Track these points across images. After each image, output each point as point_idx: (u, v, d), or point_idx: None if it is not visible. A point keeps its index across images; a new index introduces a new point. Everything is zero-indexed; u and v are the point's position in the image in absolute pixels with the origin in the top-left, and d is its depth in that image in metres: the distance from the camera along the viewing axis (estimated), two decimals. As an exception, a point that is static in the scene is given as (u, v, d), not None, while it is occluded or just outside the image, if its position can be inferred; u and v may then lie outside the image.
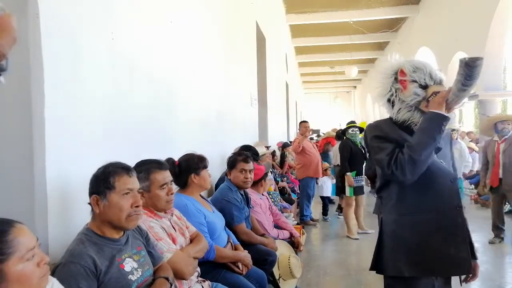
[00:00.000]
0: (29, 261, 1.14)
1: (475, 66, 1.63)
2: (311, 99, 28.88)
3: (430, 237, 1.82)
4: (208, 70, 4.03)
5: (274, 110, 9.64)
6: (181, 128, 3.18)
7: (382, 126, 1.94)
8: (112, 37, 2.16)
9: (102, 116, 2.05)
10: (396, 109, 1.91)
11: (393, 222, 1.91)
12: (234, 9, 5.44)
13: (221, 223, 2.76)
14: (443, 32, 9.82)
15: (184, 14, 3.36)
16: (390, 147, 1.83)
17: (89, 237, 1.58)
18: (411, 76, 1.86)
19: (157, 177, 2.04)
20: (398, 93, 1.89)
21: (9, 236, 1.11)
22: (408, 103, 1.86)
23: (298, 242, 3.89)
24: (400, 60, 1.98)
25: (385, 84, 1.95)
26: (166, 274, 1.83)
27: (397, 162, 1.77)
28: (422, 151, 1.74)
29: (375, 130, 1.94)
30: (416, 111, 1.86)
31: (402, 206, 1.88)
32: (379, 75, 2.02)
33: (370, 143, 1.93)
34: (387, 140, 1.86)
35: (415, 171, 1.77)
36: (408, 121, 1.88)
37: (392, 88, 1.92)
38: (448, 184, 1.87)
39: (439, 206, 1.84)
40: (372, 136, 1.92)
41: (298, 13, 11.87)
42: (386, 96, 1.94)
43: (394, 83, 1.91)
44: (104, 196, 1.59)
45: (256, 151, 4.51)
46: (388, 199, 1.95)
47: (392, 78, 1.92)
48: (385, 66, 2.00)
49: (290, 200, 6.11)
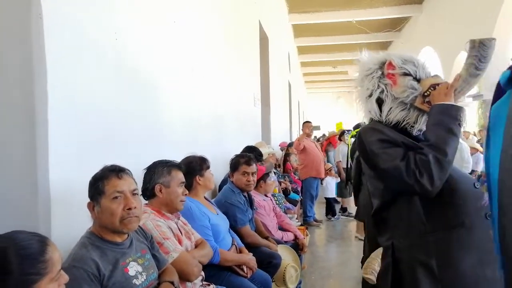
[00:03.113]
0: (56, 281, 1.12)
1: (490, 46, 1.44)
2: (314, 99, 28.82)
3: (462, 260, 1.45)
4: (211, 70, 4.00)
5: (276, 110, 9.61)
6: (184, 129, 3.16)
7: (381, 128, 1.57)
8: (115, 38, 2.13)
9: (106, 117, 2.03)
10: (387, 108, 1.60)
11: (412, 246, 1.52)
12: (237, 8, 5.41)
13: (226, 225, 2.73)
14: (446, 32, 9.77)
15: (187, 14, 3.34)
16: (402, 152, 1.48)
17: (92, 241, 1.55)
18: (402, 68, 1.60)
19: (177, 175, 2.14)
20: (389, 89, 1.60)
21: (47, 255, 1.09)
22: (402, 100, 1.58)
23: (303, 244, 3.86)
24: (382, 54, 1.71)
25: (370, 82, 1.65)
26: (171, 278, 1.82)
27: (420, 166, 1.41)
28: (447, 149, 1.42)
29: (376, 133, 1.56)
30: (412, 109, 1.58)
31: (421, 225, 1.50)
32: (360, 74, 1.71)
33: (372, 149, 1.54)
34: (394, 144, 1.51)
35: (443, 175, 1.42)
36: (403, 122, 1.59)
37: (381, 84, 1.62)
38: (472, 189, 1.53)
39: (466, 219, 1.48)
40: (373, 141, 1.54)
41: (300, 13, 11.83)
42: (374, 95, 1.63)
43: (382, 78, 1.62)
44: (96, 201, 1.57)
45: (260, 152, 4.48)
46: (398, 220, 1.57)
47: (379, 73, 1.64)
48: (366, 62, 1.71)
49: (292, 200, 6.08)
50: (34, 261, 1.06)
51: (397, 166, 1.45)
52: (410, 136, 1.58)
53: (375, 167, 1.56)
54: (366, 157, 1.60)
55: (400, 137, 1.54)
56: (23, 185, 1.56)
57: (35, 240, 1.10)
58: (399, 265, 1.54)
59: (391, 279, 1.55)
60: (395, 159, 1.47)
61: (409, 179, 1.42)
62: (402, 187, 1.48)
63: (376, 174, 1.59)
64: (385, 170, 1.50)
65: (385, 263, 1.60)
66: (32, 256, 1.06)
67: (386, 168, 1.49)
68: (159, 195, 2.10)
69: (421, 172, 1.41)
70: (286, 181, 6.82)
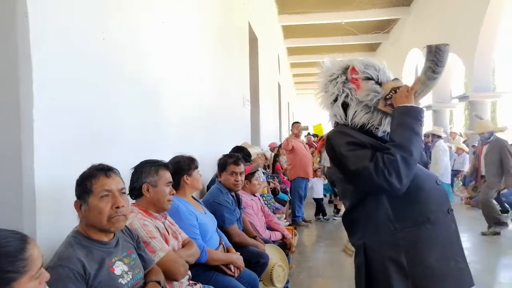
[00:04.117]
0: (37, 279, 1.12)
1: (446, 51, 1.53)
2: (303, 99, 28.93)
3: (428, 255, 1.52)
4: (200, 70, 4.01)
5: (266, 111, 9.63)
6: (173, 129, 3.16)
7: (349, 132, 1.63)
8: (103, 37, 2.13)
9: (94, 117, 2.03)
10: (352, 112, 1.66)
11: (382, 244, 1.58)
12: (226, 9, 5.43)
13: (213, 225, 2.74)
14: (433, 34, 9.90)
15: (176, 15, 3.34)
16: (370, 154, 1.53)
17: (78, 240, 1.55)
18: (364, 72, 1.66)
19: (164, 175, 2.15)
20: (353, 93, 1.66)
21: (26, 253, 1.09)
22: (366, 103, 1.64)
23: (290, 243, 3.88)
24: (344, 60, 1.77)
25: (335, 87, 1.70)
26: (158, 278, 1.82)
27: (388, 166, 1.47)
28: (412, 148, 1.49)
29: (344, 136, 1.61)
30: (376, 112, 1.64)
31: (389, 223, 1.56)
32: (323, 79, 1.76)
33: (341, 152, 1.58)
34: (362, 146, 1.57)
35: (410, 173, 1.50)
36: (367, 124, 1.65)
37: (345, 89, 1.68)
38: (435, 186, 1.63)
39: (431, 215, 1.56)
40: (342, 143, 1.59)
41: (290, 14, 11.89)
42: (340, 99, 1.68)
43: (346, 83, 1.68)
44: (84, 200, 1.57)
45: (248, 152, 4.50)
46: (367, 220, 1.62)
47: (343, 78, 1.69)
48: (329, 67, 1.76)
49: (281, 200, 6.10)
50: (12, 259, 1.06)
51: (366, 166, 1.49)
52: (375, 138, 1.63)
53: (345, 169, 1.61)
54: (336, 160, 1.64)
55: (366, 139, 1.59)
56: (8, 184, 1.55)
57: (14, 238, 1.09)
58: (372, 263, 1.60)
59: (365, 277, 1.60)
60: (364, 160, 1.51)
61: (378, 179, 1.47)
62: (372, 187, 1.53)
63: (346, 176, 1.64)
64: (355, 172, 1.54)
65: (358, 262, 1.65)
66: (10, 254, 1.06)
67: (355, 169, 1.53)
68: (146, 195, 2.11)
69: (389, 171, 1.46)
70: (275, 181, 6.85)
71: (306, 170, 6.84)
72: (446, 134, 10.41)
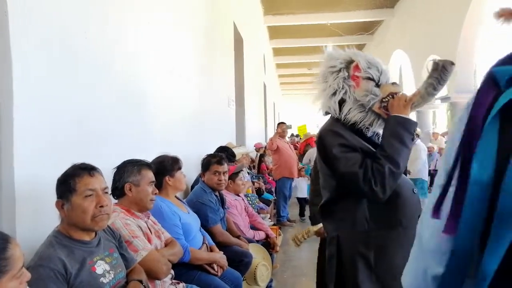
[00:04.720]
0: (18, 279, 1.12)
1: (450, 71, 1.53)
2: (289, 100, 29.01)
3: (394, 255, 1.62)
4: (184, 70, 4.00)
5: (251, 111, 9.65)
6: (157, 129, 3.15)
7: (342, 132, 1.65)
8: (85, 36, 2.12)
9: (74, 116, 2.01)
10: (346, 109, 1.67)
11: (354, 239, 1.67)
12: (211, 9, 5.43)
13: (197, 224, 2.75)
14: (417, 35, 10.05)
15: (161, 15, 3.33)
16: (360, 158, 1.58)
17: (59, 240, 1.55)
18: (367, 72, 1.66)
19: (147, 174, 2.15)
20: (351, 91, 1.67)
21: (8, 253, 1.08)
22: (362, 103, 1.65)
23: (274, 242, 3.91)
24: (348, 52, 1.74)
25: (335, 81, 1.70)
26: (140, 277, 1.82)
27: (376, 176, 1.53)
28: (400, 161, 1.54)
29: (338, 137, 1.64)
30: (370, 113, 1.66)
31: (365, 222, 1.65)
32: (324, 68, 1.75)
33: (333, 153, 1.62)
34: (353, 149, 1.61)
35: (394, 185, 1.56)
36: (359, 123, 1.67)
37: (345, 85, 1.67)
38: (412, 195, 1.70)
39: (404, 219, 1.64)
40: (335, 144, 1.62)
41: (276, 15, 11.93)
42: (338, 95, 1.68)
43: (347, 79, 1.68)
44: (67, 199, 1.56)
45: (233, 152, 4.51)
46: (345, 214, 1.70)
47: (345, 74, 1.69)
48: (332, 56, 1.74)
49: (266, 200, 6.13)
50: None
51: (355, 172, 1.56)
52: (364, 137, 1.68)
53: (334, 170, 1.66)
54: (327, 158, 1.69)
55: (357, 142, 1.64)
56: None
57: None
58: (342, 255, 1.70)
59: (335, 266, 1.72)
60: (354, 165, 1.58)
61: (364, 186, 1.55)
62: (356, 191, 1.61)
63: (334, 175, 1.69)
64: (344, 174, 1.61)
65: (330, 252, 1.76)
66: None
67: (345, 172, 1.60)
68: (129, 194, 2.11)
69: (376, 182, 1.53)
70: (260, 181, 6.87)
71: (291, 170, 6.87)
72: (429, 134, 10.58)
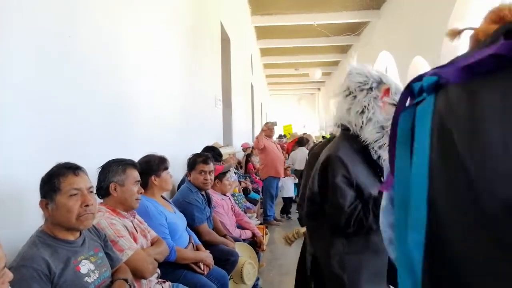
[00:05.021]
0: (0, 279, 1.11)
1: None
2: (276, 100, 29.08)
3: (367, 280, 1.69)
4: (171, 70, 4.00)
5: (238, 111, 9.65)
6: (143, 128, 3.15)
7: (347, 162, 1.68)
8: (69, 35, 2.11)
9: (57, 116, 2.00)
10: (368, 128, 1.68)
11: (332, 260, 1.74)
12: (198, 9, 5.42)
13: (183, 224, 2.75)
14: (402, 36, 10.16)
15: (146, 15, 3.32)
16: (352, 196, 1.66)
17: (43, 240, 1.54)
18: (393, 99, 1.66)
19: (132, 173, 2.15)
20: (377, 111, 1.67)
21: None
22: (382, 125, 1.66)
23: (260, 241, 3.93)
24: (378, 72, 1.74)
25: (365, 98, 1.69)
26: (125, 276, 1.82)
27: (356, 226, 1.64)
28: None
29: (343, 167, 1.68)
30: (385, 136, 1.66)
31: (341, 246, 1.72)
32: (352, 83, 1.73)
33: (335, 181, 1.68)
34: (351, 185, 1.67)
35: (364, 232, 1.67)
36: (373, 142, 1.69)
37: (375, 105, 1.67)
38: None
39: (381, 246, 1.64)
40: (339, 174, 1.67)
41: (263, 15, 11.93)
42: (367, 114, 1.68)
43: (376, 99, 1.68)
44: (51, 199, 1.55)
45: (219, 152, 4.51)
46: (322, 233, 1.79)
47: (376, 93, 1.68)
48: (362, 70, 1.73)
49: (253, 200, 6.15)
50: None
51: (342, 207, 1.66)
52: (370, 157, 1.72)
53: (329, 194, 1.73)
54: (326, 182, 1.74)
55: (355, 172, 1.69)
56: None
57: None
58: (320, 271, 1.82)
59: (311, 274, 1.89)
60: (345, 201, 1.66)
61: (341, 224, 1.66)
62: (332, 220, 1.72)
63: (324, 197, 1.75)
64: (333, 203, 1.70)
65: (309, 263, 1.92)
66: None
67: (335, 202, 1.69)
68: (114, 194, 2.10)
69: (353, 226, 1.65)
70: (247, 181, 6.89)
71: (278, 170, 6.90)
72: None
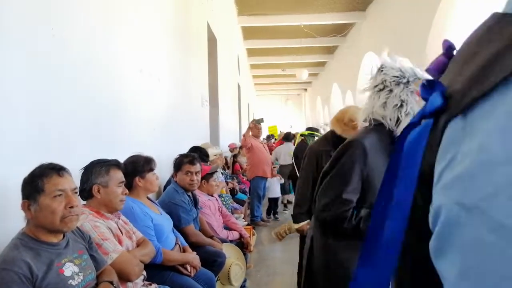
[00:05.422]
0: None
1: None
2: (263, 100, 29.11)
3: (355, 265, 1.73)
4: (156, 69, 3.96)
5: (225, 111, 9.63)
6: (128, 129, 3.11)
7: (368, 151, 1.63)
8: (52, 34, 2.07)
9: (40, 116, 1.96)
10: (406, 122, 1.56)
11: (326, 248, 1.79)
12: (184, 9, 5.39)
13: (169, 225, 2.72)
14: (387, 38, 10.26)
15: (131, 14, 3.29)
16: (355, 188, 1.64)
17: (25, 242, 1.50)
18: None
19: (116, 175, 2.10)
20: (414, 106, 1.60)
21: None
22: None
23: (247, 242, 3.92)
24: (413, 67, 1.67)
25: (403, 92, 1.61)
26: (111, 278, 1.80)
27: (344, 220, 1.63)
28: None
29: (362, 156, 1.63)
30: None
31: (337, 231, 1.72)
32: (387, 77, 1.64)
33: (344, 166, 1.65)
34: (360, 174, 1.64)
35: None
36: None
37: (413, 100, 1.61)
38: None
39: None
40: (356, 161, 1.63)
41: (250, 15, 11.93)
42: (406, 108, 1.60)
43: (412, 94, 1.61)
44: (34, 200, 1.51)
45: (206, 152, 4.49)
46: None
47: (412, 88, 1.61)
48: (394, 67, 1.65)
49: (240, 200, 6.13)
50: None
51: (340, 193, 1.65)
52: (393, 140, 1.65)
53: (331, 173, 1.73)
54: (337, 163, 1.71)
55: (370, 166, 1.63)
56: None
57: None
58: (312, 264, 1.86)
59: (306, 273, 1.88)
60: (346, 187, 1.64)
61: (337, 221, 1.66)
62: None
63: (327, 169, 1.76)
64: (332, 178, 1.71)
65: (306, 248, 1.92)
66: None
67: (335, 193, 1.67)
68: (97, 196, 2.06)
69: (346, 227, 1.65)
70: (234, 181, 6.87)
71: (265, 170, 6.89)
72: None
